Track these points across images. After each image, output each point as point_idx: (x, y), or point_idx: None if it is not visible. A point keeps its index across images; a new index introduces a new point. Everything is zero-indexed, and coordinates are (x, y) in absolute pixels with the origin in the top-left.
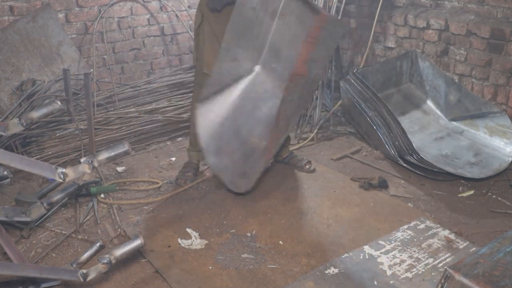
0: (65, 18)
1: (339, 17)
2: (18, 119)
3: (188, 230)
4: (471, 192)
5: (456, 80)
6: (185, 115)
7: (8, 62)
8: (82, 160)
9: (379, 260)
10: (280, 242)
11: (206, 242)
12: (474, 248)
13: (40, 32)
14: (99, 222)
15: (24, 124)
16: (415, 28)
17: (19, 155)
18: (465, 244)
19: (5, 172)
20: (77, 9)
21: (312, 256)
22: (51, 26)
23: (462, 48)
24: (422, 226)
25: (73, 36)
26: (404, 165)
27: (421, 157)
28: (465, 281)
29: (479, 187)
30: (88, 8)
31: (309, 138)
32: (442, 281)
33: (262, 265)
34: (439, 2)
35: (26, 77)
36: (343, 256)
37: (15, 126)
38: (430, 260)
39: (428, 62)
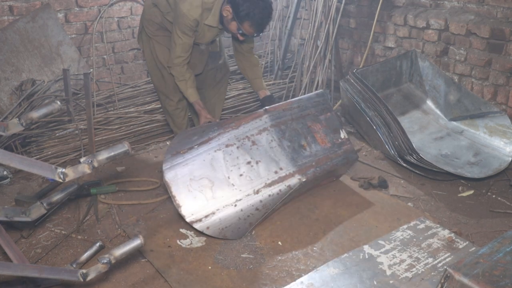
0: (65, 18)
1: (338, 18)
2: (18, 119)
3: (182, 230)
4: (471, 192)
5: (456, 80)
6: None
7: (8, 62)
8: (82, 160)
9: (378, 259)
10: (279, 242)
11: (204, 238)
12: (474, 248)
13: (39, 32)
14: (99, 222)
15: (24, 124)
16: (415, 28)
17: (19, 155)
18: (465, 244)
19: (5, 172)
20: (77, 9)
21: (312, 256)
22: (51, 26)
23: (462, 48)
24: (422, 226)
25: (73, 36)
26: (404, 165)
27: (421, 157)
28: (465, 281)
29: (479, 187)
30: (87, 8)
31: None
32: (442, 281)
33: (261, 265)
34: (439, 2)
35: (26, 77)
36: (343, 256)
37: (15, 126)
38: (430, 260)
39: (428, 62)
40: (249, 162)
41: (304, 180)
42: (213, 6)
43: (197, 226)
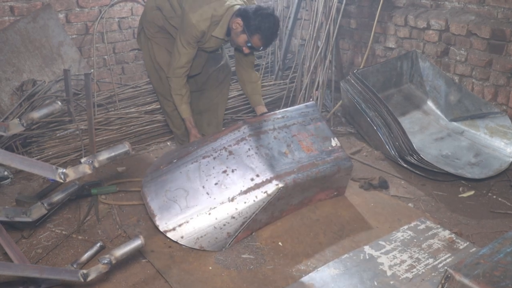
0: (66, 18)
1: (339, 19)
2: (18, 119)
3: None
4: (472, 192)
5: (457, 81)
6: None
7: (8, 63)
8: (82, 160)
9: (379, 260)
10: (280, 243)
11: None
12: (474, 249)
13: (40, 33)
14: (99, 222)
15: (25, 124)
16: (415, 29)
17: (20, 155)
18: (465, 244)
19: (6, 173)
20: (78, 9)
21: (312, 256)
22: (52, 27)
23: (463, 49)
24: (422, 226)
25: (74, 36)
26: (405, 165)
27: (422, 157)
28: (466, 281)
29: (479, 187)
30: (88, 9)
31: None
32: (443, 281)
33: (262, 265)
34: (439, 2)
35: (27, 78)
36: (343, 257)
37: (15, 127)
38: (430, 260)
39: (428, 63)
40: (224, 171)
41: (281, 186)
42: (222, 18)
43: (170, 235)
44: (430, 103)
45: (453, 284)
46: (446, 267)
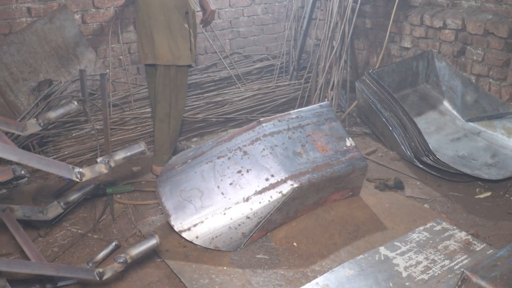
0: (82, 19)
1: (354, 18)
2: (35, 119)
3: None
4: (488, 193)
5: (473, 81)
6: (200, 116)
7: (25, 63)
8: (98, 160)
9: (394, 261)
10: (295, 243)
11: None
12: (491, 251)
13: (57, 33)
14: (115, 221)
15: (42, 124)
16: (431, 28)
17: (37, 155)
18: (482, 246)
19: (23, 172)
20: (93, 10)
21: (327, 257)
22: (68, 27)
23: (480, 48)
24: (438, 227)
25: (89, 37)
26: (420, 166)
27: (438, 158)
28: (483, 283)
29: (496, 188)
30: (104, 9)
31: None
32: (459, 283)
33: (277, 265)
34: (456, 1)
35: (43, 78)
36: (358, 257)
37: (32, 126)
38: (447, 262)
39: (444, 62)
40: (239, 171)
41: (296, 186)
42: None
43: (185, 235)
44: (446, 103)
45: (470, 286)
46: (462, 269)
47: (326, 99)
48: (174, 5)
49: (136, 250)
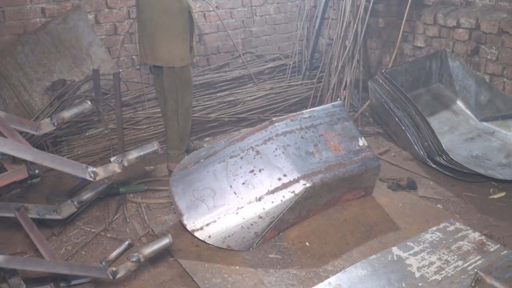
0: (95, 19)
1: (367, 18)
2: (49, 118)
3: None
4: (503, 194)
5: (487, 80)
6: (212, 115)
7: (40, 63)
8: (112, 159)
9: (407, 261)
10: (307, 243)
11: None
12: (505, 251)
13: (70, 33)
14: (128, 221)
15: (56, 123)
16: (444, 27)
17: (51, 154)
18: (496, 246)
19: (37, 171)
20: (107, 10)
21: (339, 257)
22: (81, 27)
23: (494, 47)
24: (451, 228)
25: (103, 37)
26: (434, 166)
27: (451, 158)
28: (497, 285)
29: (510, 189)
30: (117, 10)
31: None
32: (473, 284)
33: (289, 265)
34: (469, 0)
35: (57, 78)
36: (371, 257)
37: (46, 126)
38: (460, 262)
39: (458, 62)
40: (252, 171)
41: (309, 185)
42: None
43: (198, 234)
44: (459, 103)
45: (484, 287)
46: (476, 270)
47: (338, 99)
48: (177, 11)
49: (149, 249)
